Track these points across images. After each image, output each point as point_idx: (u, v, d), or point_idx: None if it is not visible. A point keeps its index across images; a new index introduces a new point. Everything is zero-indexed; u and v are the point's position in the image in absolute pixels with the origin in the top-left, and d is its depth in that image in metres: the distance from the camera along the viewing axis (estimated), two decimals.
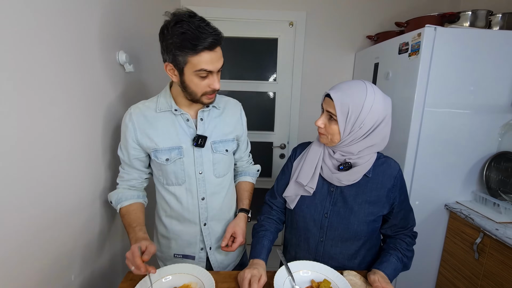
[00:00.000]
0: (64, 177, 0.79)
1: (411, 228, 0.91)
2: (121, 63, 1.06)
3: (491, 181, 1.42)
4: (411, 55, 1.36)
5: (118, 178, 0.94)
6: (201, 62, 0.76)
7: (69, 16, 0.78)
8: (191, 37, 0.72)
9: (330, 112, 0.78)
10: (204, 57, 0.75)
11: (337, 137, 0.80)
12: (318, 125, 0.82)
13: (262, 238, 0.90)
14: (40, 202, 0.70)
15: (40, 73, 0.68)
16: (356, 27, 2.01)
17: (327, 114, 0.80)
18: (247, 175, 1.10)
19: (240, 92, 2.12)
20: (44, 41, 0.69)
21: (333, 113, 0.77)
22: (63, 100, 0.77)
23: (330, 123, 0.79)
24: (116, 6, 1.04)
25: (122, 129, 0.89)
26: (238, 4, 1.97)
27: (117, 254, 1.12)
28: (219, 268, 1.01)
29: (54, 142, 0.74)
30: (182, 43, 0.73)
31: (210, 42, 0.74)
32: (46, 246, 0.73)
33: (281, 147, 2.23)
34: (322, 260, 0.88)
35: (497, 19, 1.37)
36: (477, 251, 1.28)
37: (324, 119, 0.81)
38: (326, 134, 0.81)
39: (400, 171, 0.87)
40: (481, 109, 1.37)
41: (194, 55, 0.74)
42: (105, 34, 0.96)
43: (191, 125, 0.89)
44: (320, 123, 0.81)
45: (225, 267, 1.03)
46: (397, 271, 0.85)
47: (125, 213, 0.88)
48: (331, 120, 0.79)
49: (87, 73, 0.87)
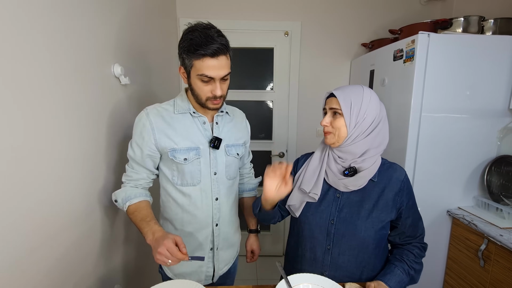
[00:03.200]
0: (59, 186, 0.78)
1: (421, 237, 0.88)
2: (116, 76, 1.06)
3: (492, 185, 1.40)
4: (406, 62, 1.37)
5: (124, 177, 0.94)
6: (203, 67, 0.80)
7: (64, 28, 0.78)
8: (196, 43, 0.78)
9: (334, 108, 0.82)
10: (207, 63, 0.80)
11: (344, 130, 0.81)
12: (324, 124, 0.84)
13: None
14: (40, 210, 0.69)
15: (34, 82, 0.67)
16: (351, 35, 2.04)
17: (331, 112, 0.83)
18: (251, 190, 1.19)
19: (238, 102, 2.13)
20: (39, 50, 0.69)
21: (338, 108, 0.81)
22: (57, 111, 0.77)
23: (335, 119, 0.82)
24: (111, 19, 1.05)
25: (137, 128, 0.90)
26: (234, 16, 2.01)
27: (118, 260, 1.10)
28: (223, 263, 1.04)
29: (50, 153, 0.73)
30: (188, 48, 0.80)
31: (213, 50, 0.78)
32: (47, 255, 0.72)
33: (279, 155, 2.22)
34: (330, 271, 0.86)
35: (489, 24, 1.39)
36: (482, 258, 1.25)
37: (329, 117, 0.84)
38: (332, 131, 0.83)
39: (407, 176, 0.86)
40: (479, 114, 1.37)
41: (197, 59, 0.80)
42: (100, 47, 0.97)
43: (207, 128, 0.94)
44: (326, 122, 0.84)
45: (227, 263, 1.08)
46: (402, 284, 0.81)
47: (135, 210, 0.88)
48: (336, 116, 0.82)
49: (82, 85, 0.87)
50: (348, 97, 0.80)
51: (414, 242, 0.87)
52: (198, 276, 0.99)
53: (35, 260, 0.69)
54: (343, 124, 0.81)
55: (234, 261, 1.12)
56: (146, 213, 0.87)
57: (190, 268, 0.99)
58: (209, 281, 1.02)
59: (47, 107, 0.72)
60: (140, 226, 0.85)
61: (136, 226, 0.87)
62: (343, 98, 0.80)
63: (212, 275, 1.02)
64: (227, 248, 1.04)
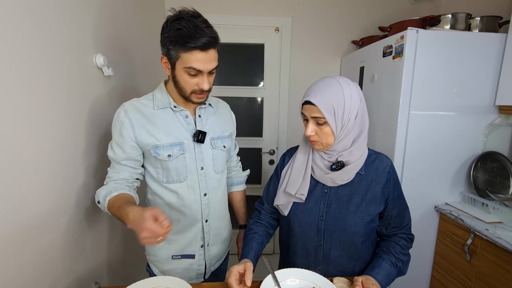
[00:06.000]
0: (33, 184, 0.73)
1: (407, 227, 0.87)
2: (99, 66, 1.02)
3: (478, 181, 1.42)
4: (395, 58, 1.37)
5: (106, 179, 0.89)
6: (191, 60, 0.77)
7: (41, 18, 0.74)
8: (185, 34, 0.74)
9: (316, 117, 0.76)
10: (195, 55, 0.76)
11: (331, 138, 0.78)
12: (308, 135, 0.79)
13: (251, 241, 0.89)
14: (9, 206, 0.64)
15: (6, 73, 0.63)
16: (341, 32, 2.04)
17: (314, 120, 0.78)
18: (240, 184, 1.16)
19: (228, 98, 2.06)
20: (12, 39, 0.64)
21: (320, 116, 0.75)
22: (36, 103, 0.72)
23: (321, 128, 0.77)
24: (94, 7, 1.01)
25: (116, 127, 0.85)
26: (224, 10, 1.97)
27: (101, 258, 1.05)
28: (215, 259, 1.02)
29: (26, 146, 0.69)
30: (176, 39, 0.75)
31: (203, 43, 0.75)
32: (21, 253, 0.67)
33: (270, 153, 2.20)
34: (323, 266, 0.85)
35: (476, 22, 1.41)
36: (468, 253, 1.27)
37: (312, 126, 0.78)
38: (319, 140, 0.79)
39: (393, 166, 0.85)
40: (465, 110, 1.38)
41: (186, 52, 0.76)
42: (80, 37, 0.92)
43: (190, 122, 0.90)
44: (310, 132, 0.78)
45: (219, 258, 1.05)
46: (391, 277, 0.81)
47: (114, 201, 0.80)
48: (320, 124, 0.77)
49: (62, 76, 0.83)
50: (329, 102, 0.74)
51: (400, 233, 0.87)
52: (188, 274, 0.96)
53: (1, 259, 0.65)
54: (330, 131, 0.77)
55: (225, 257, 1.10)
56: (124, 200, 0.79)
57: (179, 266, 0.96)
58: (201, 279, 0.99)
59: (21, 99, 0.68)
60: (119, 215, 0.76)
61: (118, 219, 0.79)
62: (324, 106, 0.74)
63: (203, 272, 0.99)
64: (218, 244, 1.02)
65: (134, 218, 0.68)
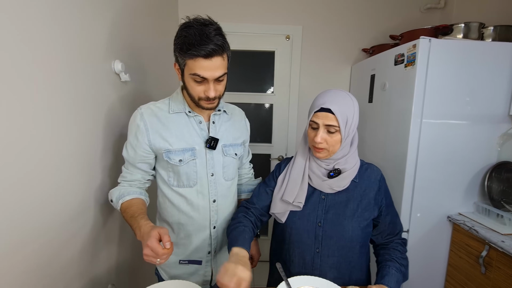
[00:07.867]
0: (53, 185, 0.75)
1: (400, 233, 0.90)
2: (116, 72, 1.05)
3: (493, 191, 1.39)
4: (407, 66, 1.37)
5: (120, 178, 0.92)
6: (195, 67, 0.77)
7: (63, 24, 0.77)
8: (189, 42, 0.74)
9: (330, 125, 0.78)
10: (200, 63, 0.76)
11: (338, 146, 0.81)
12: (318, 142, 0.79)
13: (243, 232, 0.83)
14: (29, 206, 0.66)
15: (31, 78, 0.66)
16: (351, 40, 2.05)
17: (325, 128, 0.79)
18: (250, 192, 1.13)
19: (238, 104, 2.08)
20: (36, 46, 0.67)
21: (335, 125, 0.78)
22: (59, 106, 0.75)
23: (331, 136, 0.80)
24: (112, 15, 1.04)
25: (132, 129, 0.87)
26: (236, 19, 2.01)
27: (113, 260, 1.06)
28: None
29: (47, 149, 0.71)
30: (181, 46, 0.76)
31: (207, 51, 0.74)
32: (36, 253, 0.68)
33: (279, 159, 2.21)
34: (320, 273, 0.85)
35: (489, 31, 1.40)
36: (483, 265, 1.23)
37: (323, 134, 0.79)
38: (326, 147, 0.81)
39: (383, 176, 0.90)
40: (479, 120, 1.37)
41: (190, 59, 0.76)
42: (100, 44, 0.96)
43: (203, 128, 0.91)
44: (320, 139, 0.79)
45: None
46: (399, 283, 0.81)
47: (127, 207, 0.84)
48: (332, 133, 0.79)
49: (82, 80, 0.86)
50: (344, 113, 0.78)
51: (396, 239, 0.89)
52: (194, 280, 0.96)
53: (20, 258, 0.66)
54: (339, 140, 0.80)
55: None
56: (136, 209, 0.83)
57: (186, 271, 0.96)
58: (207, 286, 0.99)
59: (44, 103, 0.70)
60: (130, 223, 0.81)
61: (128, 224, 0.83)
62: (340, 115, 0.77)
63: (210, 279, 0.98)
64: (226, 251, 1.01)
65: (143, 233, 0.73)
